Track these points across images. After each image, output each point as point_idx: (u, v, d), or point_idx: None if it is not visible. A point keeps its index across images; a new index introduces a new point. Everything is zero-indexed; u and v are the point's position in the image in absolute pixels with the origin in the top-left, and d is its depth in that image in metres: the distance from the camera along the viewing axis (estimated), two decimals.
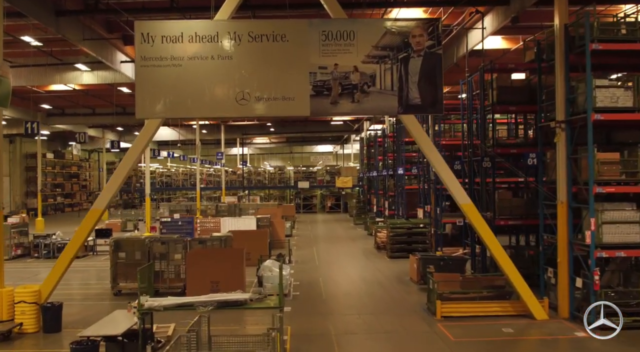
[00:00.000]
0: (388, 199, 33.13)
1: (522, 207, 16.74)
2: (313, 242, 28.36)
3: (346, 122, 46.36)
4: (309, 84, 12.73)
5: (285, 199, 55.61)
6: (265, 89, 12.64)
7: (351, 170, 49.78)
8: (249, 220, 25.34)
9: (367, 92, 12.83)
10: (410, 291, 16.49)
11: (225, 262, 15.74)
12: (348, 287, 17.32)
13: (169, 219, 25.02)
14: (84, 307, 15.09)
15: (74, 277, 20.29)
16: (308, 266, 20.87)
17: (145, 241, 16.62)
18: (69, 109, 35.68)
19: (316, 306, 14.87)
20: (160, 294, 16.35)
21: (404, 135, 28.98)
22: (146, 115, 12.92)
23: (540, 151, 14.49)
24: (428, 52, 12.83)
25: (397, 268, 20.07)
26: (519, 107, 16.58)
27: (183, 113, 13.05)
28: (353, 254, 24.18)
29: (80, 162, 58.52)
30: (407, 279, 18.01)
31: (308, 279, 18.35)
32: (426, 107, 12.92)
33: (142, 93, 12.75)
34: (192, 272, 15.66)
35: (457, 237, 23.93)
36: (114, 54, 21.23)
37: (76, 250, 13.07)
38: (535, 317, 12.89)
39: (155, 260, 16.74)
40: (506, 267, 13.07)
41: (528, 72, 17.02)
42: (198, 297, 10.55)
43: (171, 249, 16.51)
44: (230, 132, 48.44)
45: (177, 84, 12.66)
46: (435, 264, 16.50)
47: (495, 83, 16.45)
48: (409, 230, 22.70)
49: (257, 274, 16.97)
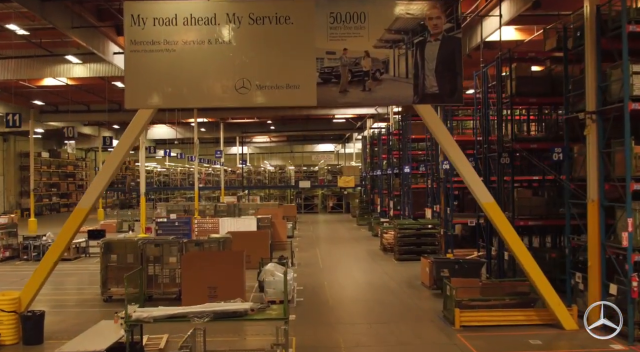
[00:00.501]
0: (393, 198, 31.98)
1: (543, 207, 15.59)
2: (316, 243, 27.19)
3: (348, 120, 45.20)
4: (316, 70, 11.60)
5: (286, 199, 54.44)
6: (267, 77, 11.49)
7: (353, 170, 48.63)
8: (249, 220, 24.18)
9: (380, 79, 11.70)
10: (423, 297, 15.33)
11: (223, 266, 14.55)
12: (355, 293, 16.15)
13: (165, 219, 23.84)
14: (71, 315, 13.93)
15: (63, 281, 19.16)
16: (312, 269, 19.71)
17: (138, 243, 15.44)
18: (63, 106, 34.51)
19: (322, 313, 13.70)
20: (154, 300, 15.25)
21: (410, 132, 27.87)
22: (137, 105, 11.76)
23: (566, 145, 13.31)
24: (446, 36, 11.69)
25: (407, 271, 18.91)
26: (540, 99, 15.44)
27: (177, 103, 11.89)
28: (358, 256, 23.02)
29: (77, 162, 57.33)
30: (418, 284, 16.85)
31: (312, 283, 17.18)
32: (444, 97, 11.77)
33: (132, 81, 11.61)
34: (188, 276, 14.47)
35: (467, 239, 22.81)
36: (105, 44, 20.06)
37: (60, 253, 11.90)
38: (564, 327, 11.73)
39: (148, 263, 15.62)
40: (532, 271, 11.90)
41: (549, 61, 15.85)
42: (192, 308, 9.40)
43: (165, 251, 15.34)
44: (230, 130, 47.25)
45: (170, 71, 11.52)
46: (449, 267, 15.39)
47: (514, 73, 15.30)
48: (418, 231, 21.54)
49: (258, 279, 15.82)
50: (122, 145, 11.94)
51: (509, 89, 15.66)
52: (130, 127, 11.81)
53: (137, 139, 11.98)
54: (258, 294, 15.56)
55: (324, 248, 25.35)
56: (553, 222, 15.47)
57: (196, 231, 24.08)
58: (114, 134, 48.07)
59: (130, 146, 11.97)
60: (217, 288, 14.37)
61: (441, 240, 21.50)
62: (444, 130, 12.00)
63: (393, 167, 32.08)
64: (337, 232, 32.99)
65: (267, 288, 14.66)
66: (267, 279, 14.75)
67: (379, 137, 36.56)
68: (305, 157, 62.74)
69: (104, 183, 11.76)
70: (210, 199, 50.37)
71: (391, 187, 32.44)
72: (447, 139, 11.96)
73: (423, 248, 21.38)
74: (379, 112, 36.61)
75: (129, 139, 11.84)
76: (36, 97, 32.22)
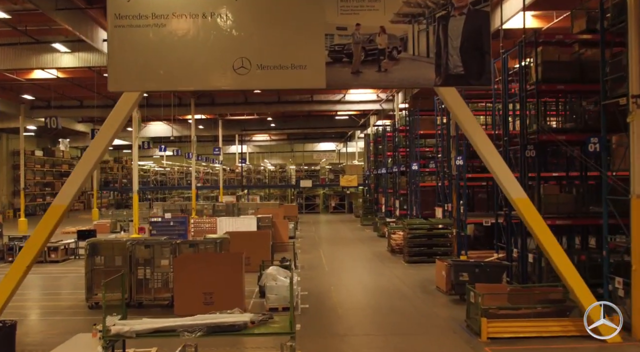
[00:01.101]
0: (399, 197, 30.60)
1: (571, 204, 14.20)
2: (319, 244, 25.79)
3: (351, 117, 43.78)
4: (325, 49, 10.22)
5: (287, 199, 53.03)
6: (269, 55, 10.11)
7: (356, 169, 47.25)
8: (248, 220, 22.78)
9: (397, 59, 10.31)
10: (440, 304, 13.93)
11: (220, 270, 13.17)
12: (365, 299, 14.75)
13: (160, 219, 22.44)
14: (50, 324, 12.55)
15: (48, 285, 17.81)
16: (316, 273, 18.30)
17: (127, 244, 14.05)
18: (55, 101, 33.09)
19: (330, 323, 12.30)
20: (144, 307, 13.89)
21: (418, 127, 26.49)
22: (121, 87, 10.37)
23: (603, 136, 11.91)
24: (472, 9, 10.30)
25: (418, 275, 17.51)
26: (569, 86, 14.02)
27: (168, 85, 10.48)
28: (365, 258, 21.61)
29: (72, 160, 55.86)
30: (432, 288, 15.45)
31: (317, 288, 15.79)
32: (470, 78, 10.37)
33: (116, 60, 10.22)
34: (181, 281, 13.09)
35: (480, 240, 21.44)
36: (94, 30, 18.68)
37: (33, 256, 10.50)
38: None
39: (138, 266, 14.24)
40: (569, 276, 10.52)
41: (577, 45, 14.47)
42: (182, 320, 8.01)
43: (157, 253, 13.95)
44: (229, 128, 45.82)
45: (160, 48, 10.14)
46: (469, 271, 14.01)
47: (540, 58, 13.91)
48: (429, 231, 20.13)
49: (259, 284, 14.44)
50: (103, 133, 10.55)
51: (533, 75, 14.28)
52: (113, 113, 10.44)
53: (121, 126, 10.58)
54: (259, 300, 14.19)
55: (328, 249, 23.94)
56: (583, 221, 14.09)
57: (192, 231, 22.69)
58: None
59: (114, 135, 10.59)
60: (214, 294, 13.03)
61: (453, 241, 20.17)
62: (468, 115, 10.60)
63: (399, 164, 30.70)
64: (340, 233, 31.58)
65: (269, 294, 13.28)
66: (269, 284, 13.37)
67: (383, 134, 35.18)
68: (306, 157, 61.32)
69: (83, 177, 10.36)
70: (208, 198, 48.95)
71: (397, 185, 31.05)
72: (472, 125, 10.57)
73: (434, 249, 20.02)
74: (383, 108, 35.23)
75: (111, 127, 10.46)
76: (26, 91, 30.80)
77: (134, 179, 22.23)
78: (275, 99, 34.56)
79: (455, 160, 19.99)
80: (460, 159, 19.75)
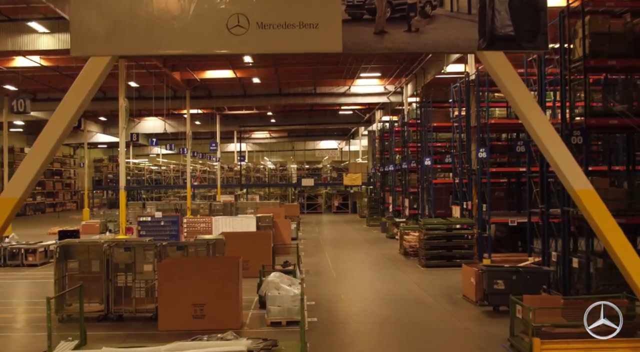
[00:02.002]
0: (408, 196, 28.55)
1: (623, 200, 12.15)
2: (324, 246, 23.73)
3: (356, 112, 41.73)
4: (341, 3, 8.19)
5: (287, 198, 50.96)
6: (272, 12, 8.11)
7: (360, 167, 45.24)
8: (247, 220, 20.73)
9: (431, 16, 8.28)
10: (471, 317, 11.88)
11: (213, 277, 11.14)
12: (383, 310, 12.67)
13: (149, 218, 20.37)
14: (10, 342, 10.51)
15: (19, 293, 15.84)
16: (323, 278, 16.24)
17: (104, 246, 11.98)
18: (42, 94, 31.05)
19: (345, 341, 10.25)
20: (124, 320, 11.87)
21: (431, 120, 24.43)
22: (87, 51, 8.32)
23: None
24: None
25: (439, 281, 15.47)
26: (622, 61, 11.98)
27: (144, 48, 8.42)
28: (376, 262, 19.55)
29: (64, 159, 53.82)
30: (459, 298, 13.39)
31: (326, 297, 13.73)
32: (522, 40, 8.34)
33: (80, 17, 8.21)
34: (167, 290, 11.05)
35: (502, 242, 19.41)
36: None
37: None
38: None
39: (117, 272, 12.19)
40: None
41: (629, 15, 12.43)
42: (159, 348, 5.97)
43: (139, 257, 11.89)
44: (227, 123, 43.72)
45: (133, 3, 8.11)
46: (505, 278, 11.94)
47: (588, 29, 11.87)
48: (449, 232, 18.07)
49: (259, 293, 12.38)
50: (64, 109, 8.47)
51: (579, 51, 12.24)
52: (76, 83, 8.40)
53: (86, 100, 8.52)
54: (258, 311, 12.15)
55: (334, 252, 21.87)
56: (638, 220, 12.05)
57: (185, 232, 20.63)
58: (101, 128, 44.57)
59: (78, 111, 8.52)
60: (205, 305, 11.01)
61: (474, 243, 18.15)
62: (523, 89, 8.51)
63: (409, 161, 28.63)
64: (346, 234, 29.50)
65: (271, 305, 11.23)
66: (271, 294, 11.32)
67: (391, 128, 33.10)
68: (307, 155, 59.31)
69: (39, 163, 8.28)
70: (205, 198, 46.91)
71: (406, 183, 28.98)
72: (528, 101, 8.47)
73: (454, 252, 17.98)
74: (391, 100, 33.18)
75: (74, 101, 8.42)
76: (8, 81, 28.69)
77: (120, 174, 20.15)
78: (276, 90, 32.49)
79: (478, 152, 17.98)
80: (484, 151, 17.76)
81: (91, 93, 8.47)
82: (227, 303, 11.06)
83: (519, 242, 19.55)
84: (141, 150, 57.88)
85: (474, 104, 18.93)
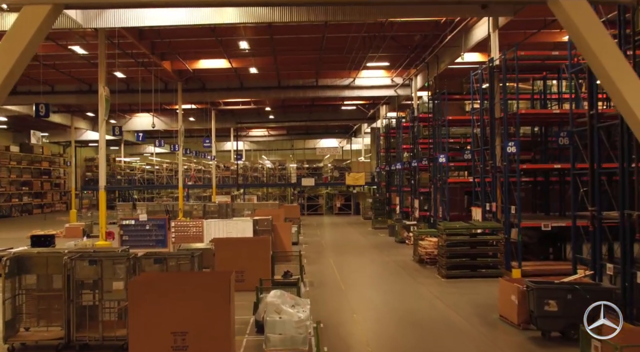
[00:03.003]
0: (418, 196, 26.30)
1: None
2: (328, 252, 21.50)
3: (359, 108, 39.46)
4: None
5: (286, 199, 48.71)
6: None
7: (363, 166, 43.09)
8: (243, 224, 18.46)
9: None
10: (517, 345, 9.68)
11: (198, 297, 8.86)
12: (406, 336, 10.43)
13: (133, 221, 18.09)
14: None
15: None
16: (329, 292, 14.02)
17: (64, 259, 9.73)
18: (22, 86, 28.77)
19: None
20: (90, 350, 9.63)
21: (446, 113, 22.19)
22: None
23: None
24: None
25: (467, 296, 13.25)
26: None
27: None
28: (389, 271, 17.33)
29: (53, 158, 51.56)
30: (495, 319, 11.18)
31: (334, 316, 11.50)
32: None
33: None
34: (140, 315, 8.76)
35: (531, 249, 17.22)
36: None
37: None
38: None
39: (82, 290, 9.95)
40: None
41: None
42: None
43: (107, 272, 9.65)
44: (223, 120, 41.45)
45: None
46: (558, 297, 9.74)
47: None
48: (473, 237, 15.85)
49: (256, 317, 10.14)
50: None
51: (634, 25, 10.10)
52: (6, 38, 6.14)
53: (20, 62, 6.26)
54: (255, 337, 9.93)
55: (340, 259, 19.63)
56: None
57: (174, 237, 18.38)
58: (90, 124, 42.27)
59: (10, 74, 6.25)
60: (188, 334, 8.71)
61: (501, 250, 15.95)
62: (608, 41, 6.30)
63: (419, 158, 26.40)
64: (350, 238, 27.27)
65: (270, 332, 8.98)
66: (270, 319, 9.07)
67: (398, 124, 30.86)
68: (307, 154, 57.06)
69: None
70: (200, 198, 44.67)
71: (416, 183, 26.73)
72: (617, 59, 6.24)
73: (479, 261, 15.79)
74: (399, 94, 30.94)
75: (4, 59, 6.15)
76: None
77: (100, 172, 17.87)
78: (274, 83, 30.20)
79: (506, 147, 15.77)
80: (513, 144, 15.54)
81: (25, 54, 6.21)
82: (216, 331, 8.78)
83: (550, 249, 17.40)
84: (134, 149, 55.62)
85: (498, 93, 16.74)
